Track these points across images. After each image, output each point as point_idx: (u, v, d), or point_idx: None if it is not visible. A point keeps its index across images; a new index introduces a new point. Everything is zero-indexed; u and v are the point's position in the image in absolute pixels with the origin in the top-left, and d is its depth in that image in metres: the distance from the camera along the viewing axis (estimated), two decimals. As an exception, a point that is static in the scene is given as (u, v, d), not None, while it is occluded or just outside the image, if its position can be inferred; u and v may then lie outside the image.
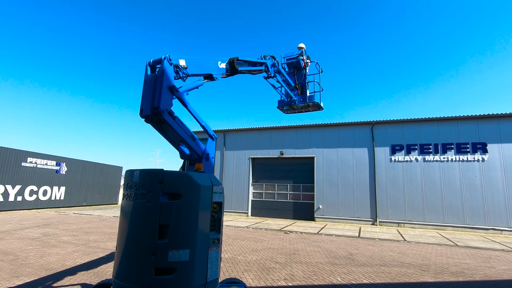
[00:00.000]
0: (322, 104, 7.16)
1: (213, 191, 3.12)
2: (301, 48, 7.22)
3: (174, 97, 3.67)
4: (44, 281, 5.34)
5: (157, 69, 3.67)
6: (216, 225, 3.16)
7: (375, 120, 17.43)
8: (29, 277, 5.55)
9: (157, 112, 3.38)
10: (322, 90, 7.33)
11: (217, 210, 3.18)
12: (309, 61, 7.37)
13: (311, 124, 19.06)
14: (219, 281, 3.90)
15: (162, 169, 2.93)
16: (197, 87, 4.35)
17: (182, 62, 3.89)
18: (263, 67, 5.84)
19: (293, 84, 7.14)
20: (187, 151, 4.08)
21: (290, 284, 5.64)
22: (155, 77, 3.57)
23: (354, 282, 5.88)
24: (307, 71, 7.26)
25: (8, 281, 5.27)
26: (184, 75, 3.94)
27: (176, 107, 3.77)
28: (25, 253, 7.37)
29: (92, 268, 6.30)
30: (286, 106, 7.29)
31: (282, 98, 7.29)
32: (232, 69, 4.81)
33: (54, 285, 5.20)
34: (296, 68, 7.23)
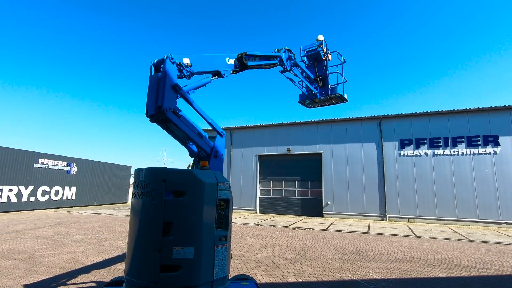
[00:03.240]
0: (346, 96, 6.88)
1: (219, 188, 3.08)
2: (320, 39, 7.01)
3: (179, 96, 3.66)
4: (59, 279, 5.46)
5: (161, 69, 3.68)
6: (224, 222, 3.12)
7: (383, 114, 17.21)
8: (44, 275, 5.68)
9: (160, 111, 3.38)
10: (346, 81, 7.03)
11: (224, 207, 3.14)
12: (329, 53, 7.14)
13: (318, 120, 18.94)
14: (229, 278, 3.92)
15: (165, 167, 2.94)
16: (205, 85, 4.30)
17: (186, 61, 3.86)
18: (276, 61, 5.67)
19: (312, 77, 6.90)
20: (195, 149, 4.09)
21: (300, 280, 5.64)
22: (158, 77, 3.59)
23: (364, 278, 5.84)
24: (327, 62, 7.02)
25: (24, 279, 5.40)
26: (189, 73, 3.91)
27: (184, 106, 3.79)
28: (39, 252, 7.54)
29: (104, 266, 6.41)
30: (308, 100, 7.05)
31: (303, 92, 7.03)
32: (241, 64, 4.73)
33: (68, 283, 5.31)
34: (316, 60, 7.04)
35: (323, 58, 6.99)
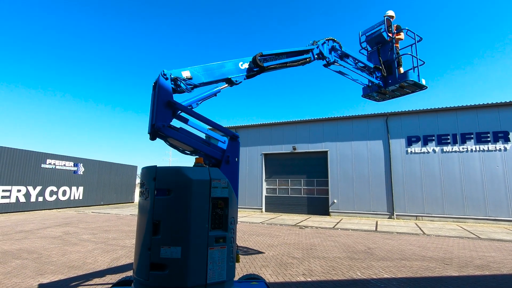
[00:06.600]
0: (424, 82, 5.79)
1: (212, 185, 2.91)
2: (388, 16, 6.06)
3: (179, 111, 3.52)
4: (67, 278, 5.47)
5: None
6: (223, 222, 2.94)
7: (389, 111, 17.01)
8: (53, 274, 5.70)
9: (154, 129, 3.26)
10: (423, 63, 5.97)
11: (223, 207, 2.96)
12: (400, 32, 6.09)
13: (324, 117, 18.79)
14: (236, 278, 3.85)
15: (155, 166, 2.91)
16: (215, 95, 4.10)
17: (185, 74, 3.70)
18: (308, 55, 5.05)
19: (372, 65, 5.97)
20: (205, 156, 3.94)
21: (309, 279, 5.57)
22: (153, 94, 3.47)
23: (374, 277, 5.75)
24: (397, 44, 6.08)
25: (33, 279, 5.42)
26: (189, 86, 3.73)
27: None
28: (48, 252, 7.58)
29: (112, 265, 6.41)
30: (373, 92, 6.19)
31: (366, 85, 6.26)
32: (258, 67, 4.30)
33: (77, 282, 5.31)
34: (380, 43, 6.10)
35: (388, 40, 5.98)
